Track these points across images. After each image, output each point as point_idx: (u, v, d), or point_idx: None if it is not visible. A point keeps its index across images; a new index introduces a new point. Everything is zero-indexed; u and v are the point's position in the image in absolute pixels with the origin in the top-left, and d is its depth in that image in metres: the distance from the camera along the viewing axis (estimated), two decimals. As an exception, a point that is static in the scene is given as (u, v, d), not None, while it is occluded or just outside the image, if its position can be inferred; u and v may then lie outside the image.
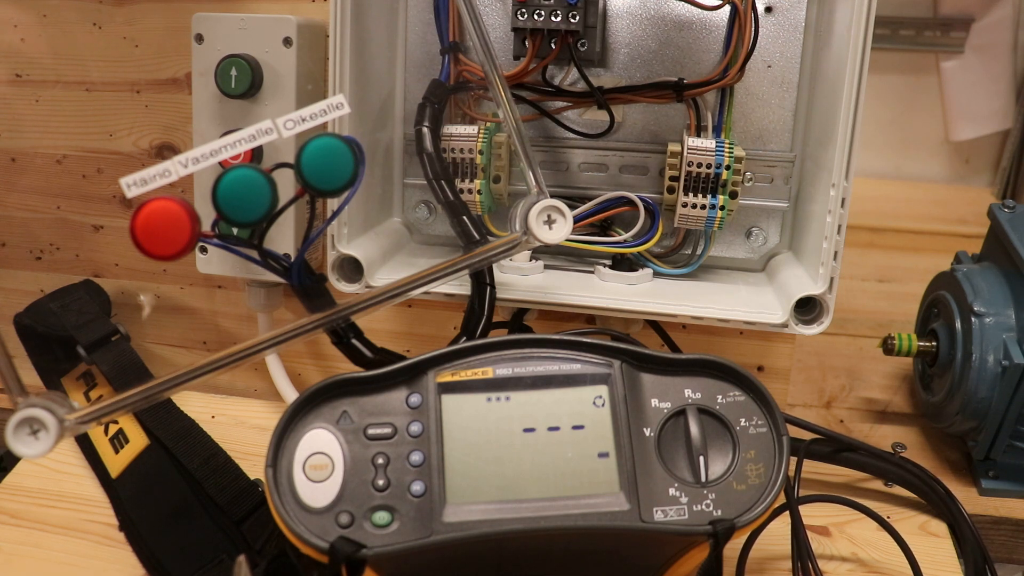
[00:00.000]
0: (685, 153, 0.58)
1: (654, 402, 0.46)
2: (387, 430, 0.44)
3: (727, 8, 0.59)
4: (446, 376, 0.45)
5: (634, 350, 0.46)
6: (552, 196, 0.51)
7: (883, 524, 0.59)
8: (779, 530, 0.57)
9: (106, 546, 0.63)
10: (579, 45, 0.60)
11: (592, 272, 0.65)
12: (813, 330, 0.56)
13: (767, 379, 0.75)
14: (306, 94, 0.66)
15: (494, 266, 0.56)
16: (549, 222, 0.50)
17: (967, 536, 0.61)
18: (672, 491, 0.44)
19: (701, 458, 0.44)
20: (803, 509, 0.59)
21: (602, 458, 0.44)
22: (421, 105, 0.59)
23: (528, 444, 0.44)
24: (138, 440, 0.67)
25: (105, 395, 0.70)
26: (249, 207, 0.42)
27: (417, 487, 0.43)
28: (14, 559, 0.61)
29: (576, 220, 0.60)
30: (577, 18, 0.56)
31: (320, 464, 0.43)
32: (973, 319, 0.67)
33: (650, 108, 0.64)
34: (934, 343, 0.72)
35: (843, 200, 0.53)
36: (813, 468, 0.69)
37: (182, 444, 0.65)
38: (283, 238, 0.67)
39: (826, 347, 0.91)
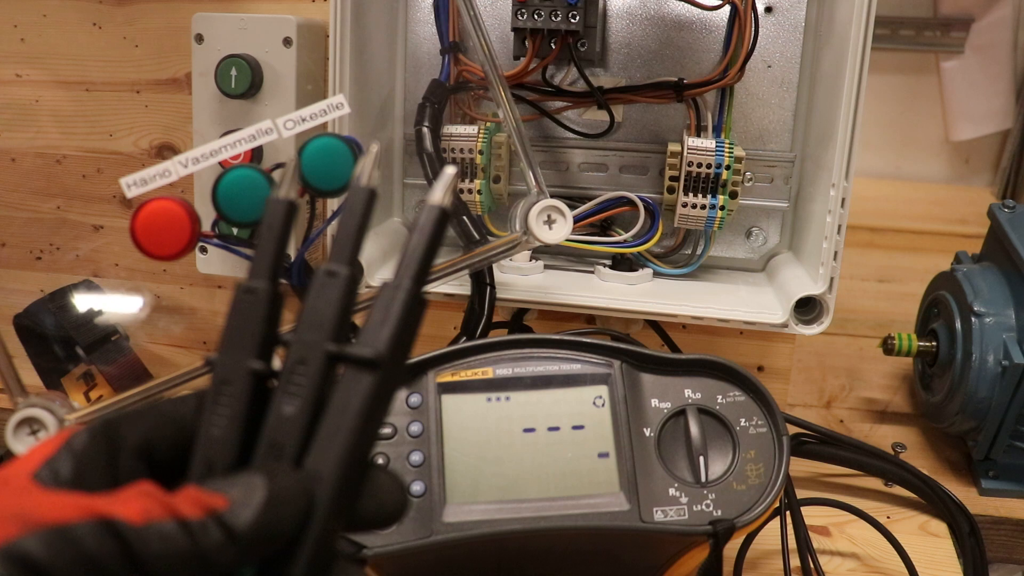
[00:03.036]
0: (685, 153, 0.58)
1: (654, 402, 0.46)
2: (387, 430, 0.44)
3: (727, 8, 0.59)
4: (446, 376, 0.45)
5: (634, 350, 0.46)
6: (552, 196, 0.51)
7: (879, 527, 0.59)
8: (778, 529, 0.57)
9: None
10: (579, 45, 0.60)
11: (592, 272, 0.64)
12: (813, 330, 0.56)
13: (767, 379, 0.75)
14: (306, 94, 0.66)
15: (494, 266, 0.56)
16: (549, 222, 0.50)
17: (966, 536, 0.61)
18: (672, 491, 0.44)
19: (701, 458, 0.44)
20: (803, 509, 0.59)
21: (602, 458, 0.44)
22: (421, 105, 0.59)
23: (528, 444, 0.44)
24: (138, 440, 0.67)
25: (105, 395, 0.70)
26: (249, 207, 0.42)
27: (417, 487, 0.43)
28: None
29: (576, 220, 0.60)
30: (577, 18, 0.56)
31: (320, 464, 0.43)
32: (973, 319, 0.67)
33: (650, 108, 0.64)
34: (934, 343, 0.72)
35: (843, 200, 0.53)
36: (814, 467, 0.69)
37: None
38: (283, 238, 0.67)
39: (826, 347, 0.91)
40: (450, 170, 0.27)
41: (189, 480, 0.24)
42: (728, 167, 0.58)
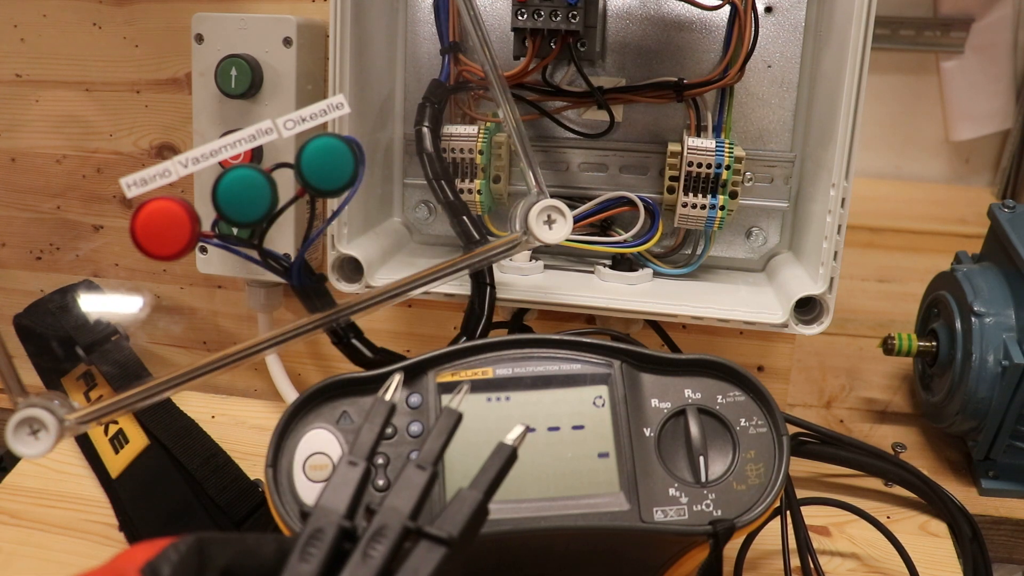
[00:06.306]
0: (685, 153, 0.58)
1: (654, 402, 0.46)
2: (387, 430, 0.44)
3: (727, 8, 0.59)
4: (446, 376, 0.45)
5: (634, 350, 0.46)
6: (552, 196, 0.51)
7: (879, 527, 0.59)
8: (778, 529, 0.57)
9: (106, 546, 0.63)
10: (579, 45, 0.60)
11: (592, 272, 0.64)
12: (813, 330, 0.56)
13: (767, 379, 0.75)
14: (306, 94, 0.66)
15: (494, 266, 0.56)
16: (549, 222, 0.50)
17: (966, 536, 0.61)
18: (672, 491, 0.44)
19: (701, 458, 0.44)
20: (803, 509, 0.59)
21: (602, 458, 0.44)
22: (421, 105, 0.59)
23: (528, 444, 0.44)
24: (138, 440, 0.67)
25: (105, 395, 0.70)
26: (249, 207, 0.42)
27: (417, 487, 0.43)
28: (14, 559, 0.61)
29: (576, 220, 0.60)
30: (577, 18, 0.56)
31: (320, 464, 0.43)
32: (973, 319, 0.67)
33: (650, 108, 0.64)
34: (934, 343, 0.72)
35: (843, 200, 0.53)
36: (814, 467, 0.69)
37: (182, 444, 0.65)
38: (283, 238, 0.67)
39: (826, 347, 0.91)
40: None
41: None
42: (728, 167, 0.58)
